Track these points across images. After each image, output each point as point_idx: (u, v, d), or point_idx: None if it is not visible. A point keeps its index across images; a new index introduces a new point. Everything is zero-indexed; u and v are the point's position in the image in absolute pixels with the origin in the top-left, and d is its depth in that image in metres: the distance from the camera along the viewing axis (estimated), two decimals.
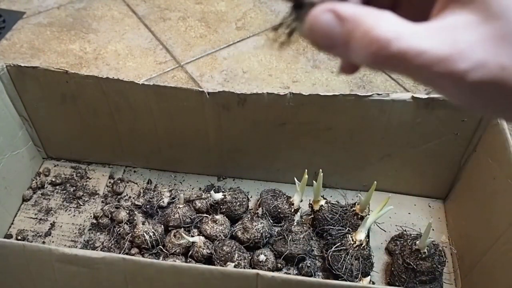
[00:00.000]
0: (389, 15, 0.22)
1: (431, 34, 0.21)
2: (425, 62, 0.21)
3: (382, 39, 0.21)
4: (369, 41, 0.21)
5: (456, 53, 0.21)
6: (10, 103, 0.82)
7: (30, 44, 1.17)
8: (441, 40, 0.21)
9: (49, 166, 0.92)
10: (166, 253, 0.75)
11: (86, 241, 0.81)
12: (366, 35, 0.21)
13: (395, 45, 0.21)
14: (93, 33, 1.21)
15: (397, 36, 0.21)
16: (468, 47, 0.21)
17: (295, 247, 0.74)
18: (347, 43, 0.22)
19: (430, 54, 0.21)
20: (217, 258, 0.73)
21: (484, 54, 0.20)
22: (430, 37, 0.21)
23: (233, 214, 0.80)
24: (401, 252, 0.72)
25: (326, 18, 0.22)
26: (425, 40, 0.21)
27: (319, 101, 0.73)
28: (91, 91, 0.78)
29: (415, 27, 0.21)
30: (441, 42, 0.21)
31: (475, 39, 0.21)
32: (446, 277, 0.76)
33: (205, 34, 1.22)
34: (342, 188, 0.87)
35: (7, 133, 0.82)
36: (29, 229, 0.82)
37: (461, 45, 0.21)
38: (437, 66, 0.21)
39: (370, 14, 0.22)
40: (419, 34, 0.21)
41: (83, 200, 0.87)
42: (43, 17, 1.26)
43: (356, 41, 0.22)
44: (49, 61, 1.13)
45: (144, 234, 0.75)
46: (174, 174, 0.91)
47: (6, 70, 0.78)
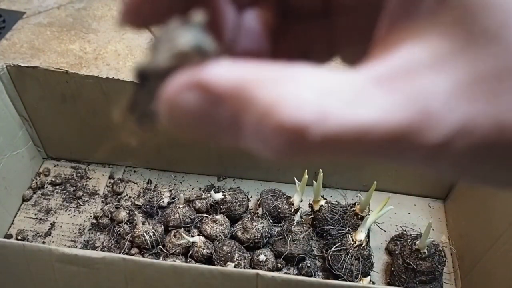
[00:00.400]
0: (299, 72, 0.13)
1: (374, 90, 0.12)
2: (374, 143, 0.12)
3: (292, 126, 0.12)
4: (271, 131, 0.12)
5: (423, 115, 0.12)
6: (10, 103, 0.82)
7: (30, 44, 1.17)
8: (392, 99, 0.12)
9: (49, 166, 0.92)
10: (166, 253, 0.75)
11: (86, 241, 0.81)
12: (263, 123, 0.12)
13: (318, 130, 0.12)
14: (93, 33, 1.21)
15: (319, 113, 0.12)
16: (440, 102, 0.12)
17: (295, 247, 0.74)
18: (238, 133, 0.13)
19: (380, 128, 0.12)
20: (217, 258, 0.73)
21: (468, 107, 0.12)
22: (375, 96, 0.12)
23: (233, 214, 0.80)
24: (401, 252, 0.72)
25: (191, 98, 0.13)
26: (368, 106, 0.12)
27: None
28: (91, 91, 0.78)
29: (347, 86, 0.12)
30: (394, 102, 0.12)
31: (450, 85, 0.12)
32: (446, 277, 0.76)
33: None
34: (342, 188, 0.87)
35: (7, 133, 0.82)
36: (29, 229, 0.82)
37: (426, 100, 0.12)
38: (395, 145, 0.13)
39: (266, 79, 0.12)
40: (357, 97, 0.12)
41: (83, 200, 0.87)
42: (43, 17, 1.26)
43: (250, 130, 0.13)
44: (49, 61, 1.13)
45: (144, 234, 0.75)
46: (174, 174, 0.91)
47: (6, 70, 0.78)
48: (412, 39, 0.13)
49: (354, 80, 0.13)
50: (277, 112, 0.12)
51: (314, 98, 0.12)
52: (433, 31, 0.13)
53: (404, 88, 0.12)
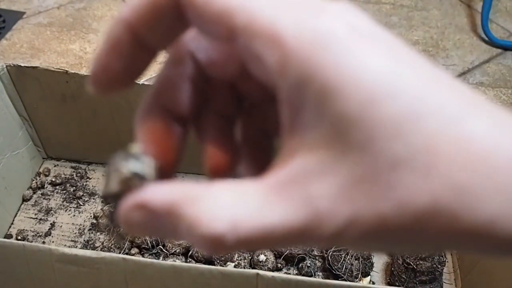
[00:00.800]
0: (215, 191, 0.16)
1: (276, 197, 0.15)
2: (280, 239, 0.15)
3: (211, 236, 0.15)
4: (198, 239, 0.16)
5: (315, 216, 0.15)
6: (10, 103, 0.82)
7: (30, 44, 1.17)
8: (290, 204, 0.15)
9: (49, 166, 0.92)
10: (166, 253, 0.75)
11: (86, 241, 0.81)
12: (192, 233, 0.16)
13: (231, 237, 0.15)
14: (93, 33, 1.21)
15: (230, 223, 0.15)
16: (328, 203, 0.15)
17: (295, 247, 0.74)
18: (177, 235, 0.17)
19: (282, 228, 0.15)
20: (217, 258, 0.73)
21: (352, 206, 0.15)
22: (276, 202, 0.15)
23: None
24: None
25: (137, 216, 0.17)
26: (270, 211, 0.15)
27: None
28: None
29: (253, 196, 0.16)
30: (291, 206, 0.15)
31: (335, 188, 0.15)
32: (446, 277, 0.76)
33: None
34: None
35: (7, 133, 0.82)
36: (29, 229, 0.82)
37: (318, 202, 0.15)
38: (297, 239, 0.16)
39: (189, 199, 0.16)
40: (260, 205, 0.16)
41: (83, 200, 0.87)
42: (43, 17, 1.26)
43: (185, 236, 0.16)
44: (49, 61, 1.13)
45: None
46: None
47: (6, 70, 0.78)
48: (303, 149, 0.16)
49: (259, 189, 0.16)
50: (199, 225, 0.16)
51: (226, 211, 0.16)
52: (318, 143, 0.15)
53: (298, 193, 0.15)
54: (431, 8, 1.32)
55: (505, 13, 1.31)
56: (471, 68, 1.14)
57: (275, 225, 0.15)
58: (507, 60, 1.17)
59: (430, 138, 0.14)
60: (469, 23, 1.27)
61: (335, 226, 0.15)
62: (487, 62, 1.16)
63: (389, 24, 1.26)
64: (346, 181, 0.15)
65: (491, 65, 1.15)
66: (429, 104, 0.15)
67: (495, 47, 1.20)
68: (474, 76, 1.12)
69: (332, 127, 0.15)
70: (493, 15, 1.28)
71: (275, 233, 0.15)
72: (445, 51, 1.19)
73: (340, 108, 0.15)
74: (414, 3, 1.33)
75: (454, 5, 1.34)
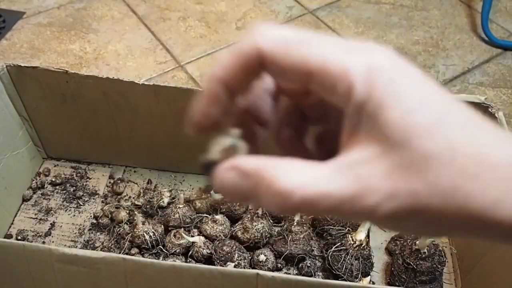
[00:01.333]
0: (291, 163, 0.22)
1: (335, 174, 0.21)
2: (333, 204, 0.21)
3: (283, 191, 0.21)
4: (272, 194, 0.21)
5: (363, 189, 0.21)
6: (10, 103, 0.82)
7: (30, 44, 1.17)
8: (346, 179, 0.21)
9: (49, 166, 0.92)
10: (166, 253, 0.75)
11: (86, 241, 0.81)
12: (269, 189, 0.21)
13: (298, 194, 0.21)
14: (93, 33, 1.21)
15: (299, 185, 0.21)
16: (374, 181, 0.21)
17: (295, 247, 0.74)
18: (257, 196, 0.22)
19: (336, 195, 0.21)
20: (217, 258, 0.73)
21: (393, 184, 0.20)
22: (335, 177, 0.21)
23: (233, 214, 0.80)
24: (401, 252, 0.72)
25: (231, 175, 0.23)
26: (329, 182, 0.21)
27: None
28: (91, 91, 0.78)
29: (318, 170, 0.21)
30: (346, 181, 0.21)
31: (381, 171, 0.21)
32: (446, 277, 0.76)
33: (205, 34, 1.22)
34: None
35: (7, 133, 0.82)
36: (29, 229, 0.82)
37: (366, 180, 0.21)
38: (346, 206, 0.21)
39: (271, 166, 0.22)
40: (322, 177, 0.21)
41: (83, 200, 0.87)
42: (43, 17, 1.26)
43: (262, 194, 0.22)
44: (49, 61, 1.13)
45: (144, 234, 0.75)
46: (174, 174, 0.91)
47: (6, 70, 0.78)
48: (358, 146, 0.22)
49: (323, 168, 0.22)
50: (275, 183, 0.21)
51: (297, 175, 0.21)
52: (370, 142, 0.21)
53: (352, 174, 0.21)
54: (431, 8, 1.32)
55: (505, 13, 1.31)
56: (471, 68, 1.14)
57: (332, 192, 0.21)
58: (507, 60, 1.17)
59: (451, 140, 0.20)
60: (469, 23, 1.27)
61: (377, 198, 0.21)
62: (487, 62, 1.16)
63: (389, 24, 1.26)
64: (389, 167, 0.21)
65: (491, 65, 1.15)
66: (448, 116, 0.21)
67: (495, 47, 1.20)
68: (474, 76, 1.12)
69: (381, 130, 0.21)
70: (493, 15, 1.28)
71: (331, 198, 0.21)
72: (445, 51, 1.19)
73: (387, 116, 0.21)
74: (414, 3, 1.33)
75: (454, 5, 1.34)
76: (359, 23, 1.26)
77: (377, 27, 1.25)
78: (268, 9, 1.31)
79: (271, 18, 1.27)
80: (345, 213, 0.21)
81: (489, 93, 1.08)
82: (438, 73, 1.13)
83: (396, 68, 0.22)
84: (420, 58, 1.17)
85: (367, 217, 0.21)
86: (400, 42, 1.21)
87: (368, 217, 0.21)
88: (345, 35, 1.22)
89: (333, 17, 1.28)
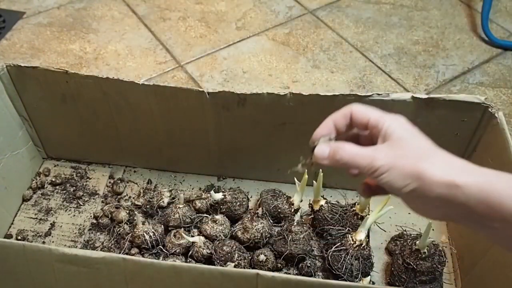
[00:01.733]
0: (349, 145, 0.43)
1: (368, 150, 0.42)
2: (363, 158, 0.42)
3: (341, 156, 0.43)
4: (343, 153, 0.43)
5: (375, 157, 0.41)
6: (10, 103, 0.82)
7: (30, 44, 1.17)
8: (371, 152, 0.42)
9: (49, 166, 0.92)
10: (166, 253, 0.75)
11: (86, 241, 0.81)
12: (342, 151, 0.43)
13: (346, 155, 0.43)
14: (93, 33, 1.22)
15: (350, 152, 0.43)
16: (380, 156, 0.41)
17: (295, 247, 0.74)
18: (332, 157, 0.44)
19: (364, 155, 0.42)
20: (217, 258, 0.73)
21: (388, 159, 0.40)
22: (367, 151, 0.42)
23: (233, 214, 0.80)
24: (401, 252, 0.72)
25: (326, 148, 0.45)
26: (364, 152, 0.42)
27: (319, 101, 0.73)
28: (91, 91, 0.78)
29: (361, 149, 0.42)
30: (371, 153, 0.41)
31: (384, 152, 0.41)
32: (446, 277, 0.76)
33: (205, 34, 1.22)
34: (342, 188, 0.87)
35: (7, 133, 0.82)
36: (29, 229, 0.82)
37: (377, 154, 0.41)
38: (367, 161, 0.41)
39: (341, 145, 0.44)
40: (362, 151, 0.42)
41: (83, 200, 0.87)
42: (43, 17, 1.26)
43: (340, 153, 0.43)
44: (49, 61, 1.13)
45: (144, 234, 0.75)
46: (174, 174, 0.91)
47: (6, 70, 0.78)
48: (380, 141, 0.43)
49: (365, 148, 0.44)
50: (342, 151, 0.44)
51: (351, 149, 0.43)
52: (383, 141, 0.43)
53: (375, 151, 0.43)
54: (431, 8, 1.32)
55: (505, 13, 1.31)
56: (471, 68, 1.14)
57: (364, 154, 0.42)
58: (507, 60, 1.17)
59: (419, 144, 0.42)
60: (469, 23, 1.27)
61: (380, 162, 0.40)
62: (487, 62, 1.16)
63: (389, 24, 1.26)
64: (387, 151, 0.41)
65: (491, 65, 1.15)
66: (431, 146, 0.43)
67: (495, 47, 1.20)
68: (474, 76, 1.12)
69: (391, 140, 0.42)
70: (493, 15, 1.28)
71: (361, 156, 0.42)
72: (445, 51, 1.19)
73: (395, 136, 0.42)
74: (414, 3, 1.33)
75: (454, 5, 1.34)
76: (359, 23, 1.26)
77: (377, 27, 1.25)
78: (268, 9, 1.31)
79: (271, 18, 1.27)
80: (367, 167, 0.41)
81: (489, 93, 1.08)
82: (438, 73, 1.13)
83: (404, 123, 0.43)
84: (420, 58, 1.17)
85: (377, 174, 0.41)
86: (400, 42, 1.21)
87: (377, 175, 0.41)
88: (345, 35, 1.23)
89: (333, 17, 1.28)
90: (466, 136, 0.75)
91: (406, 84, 1.10)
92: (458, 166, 0.39)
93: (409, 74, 1.12)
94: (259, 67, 1.13)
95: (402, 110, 0.74)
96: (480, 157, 0.75)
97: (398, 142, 0.41)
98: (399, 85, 1.09)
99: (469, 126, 0.74)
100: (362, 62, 1.15)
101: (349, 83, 1.10)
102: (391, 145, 0.41)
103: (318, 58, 1.16)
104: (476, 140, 0.75)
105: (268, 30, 1.24)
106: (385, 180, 0.40)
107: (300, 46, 1.19)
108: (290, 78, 1.10)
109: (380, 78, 1.11)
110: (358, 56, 1.17)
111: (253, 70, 1.12)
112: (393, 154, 0.40)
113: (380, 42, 1.21)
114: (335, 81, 1.10)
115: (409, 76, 1.12)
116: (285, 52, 1.17)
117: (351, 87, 1.09)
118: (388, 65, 1.15)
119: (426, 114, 0.73)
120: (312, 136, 0.46)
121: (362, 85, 1.09)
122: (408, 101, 0.73)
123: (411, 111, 0.73)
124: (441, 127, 0.75)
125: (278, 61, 1.15)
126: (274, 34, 1.22)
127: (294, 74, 1.11)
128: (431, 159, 0.40)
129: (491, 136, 0.72)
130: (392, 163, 0.40)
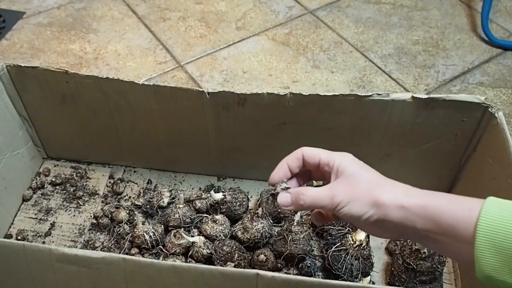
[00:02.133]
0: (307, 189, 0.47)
1: (325, 190, 0.46)
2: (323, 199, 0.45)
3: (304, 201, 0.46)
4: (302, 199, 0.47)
5: (334, 194, 0.45)
6: (10, 103, 0.82)
7: (30, 44, 1.17)
8: (328, 191, 0.45)
9: (49, 166, 0.92)
10: (166, 253, 0.75)
11: (86, 241, 0.81)
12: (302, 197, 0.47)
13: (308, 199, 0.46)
14: (93, 33, 1.22)
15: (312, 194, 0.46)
16: (338, 192, 0.45)
17: (295, 247, 0.74)
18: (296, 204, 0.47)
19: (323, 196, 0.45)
20: (217, 258, 0.73)
21: (346, 194, 0.45)
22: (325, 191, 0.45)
23: (233, 214, 0.80)
24: (401, 252, 0.72)
25: (286, 196, 0.48)
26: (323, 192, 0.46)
27: (319, 101, 0.73)
28: (91, 91, 0.78)
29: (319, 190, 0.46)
30: (329, 192, 0.45)
31: (340, 188, 0.45)
32: (446, 277, 0.76)
33: (205, 34, 1.22)
34: None
35: (7, 133, 0.82)
36: (29, 229, 0.82)
37: (334, 192, 0.45)
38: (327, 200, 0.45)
39: (301, 191, 0.47)
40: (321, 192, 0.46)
41: (83, 200, 0.87)
42: (43, 17, 1.26)
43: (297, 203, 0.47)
44: (49, 61, 1.13)
45: (144, 234, 0.75)
46: (174, 174, 0.91)
47: (6, 70, 0.78)
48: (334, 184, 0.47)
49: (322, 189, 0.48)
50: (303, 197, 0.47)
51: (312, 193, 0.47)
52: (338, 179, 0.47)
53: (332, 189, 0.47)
54: (431, 8, 1.32)
55: (505, 13, 1.31)
56: (471, 68, 1.14)
57: (323, 195, 0.45)
58: (507, 60, 1.17)
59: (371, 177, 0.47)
60: (469, 23, 1.27)
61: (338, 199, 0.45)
62: (487, 62, 1.16)
63: (389, 24, 1.26)
64: (350, 189, 0.45)
65: (491, 65, 1.15)
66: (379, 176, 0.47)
67: (495, 47, 1.20)
68: (474, 76, 1.12)
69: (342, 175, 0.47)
70: (493, 15, 1.28)
71: (323, 198, 0.45)
72: (445, 51, 1.19)
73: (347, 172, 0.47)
74: (414, 3, 1.33)
75: (454, 5, 1.34)
76: (359, 23, 1.26)
77: (377, 27, 1.25)
78: (268, 9, 1.31)
79: (271, 18, 1.27)
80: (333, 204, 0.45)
81: (489, 93, 1.08)
82: (438, 73, 1.13)
83: (353, 159, 0.48)
84: (420, 58, 1.17)
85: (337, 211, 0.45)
86: (400, 42, 1.21)
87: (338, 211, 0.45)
88: (345, 35, 1.23)
89: (333, 17, 1.28)
90: (466, 136, 0.75)
91: (406, 84, 1.10)
92: (402, 190, 0.45)
93: (409, 74, 1.12)
94: (259, 67, 1.13)
95: (402, 110, 0.74)
96: (480, 157, 0.75)
97: (351, 177, 0.45)
98: (399, 85, 1.09)
99: (469, 126, 0.74)
100: (362, 62, 1.15)
101: (349, 83, 1.10)
102: (345, 180, 0.46)
103: (318, 58, 1.16)
104: (476, 140, 0.75)
105: (268, 30, 1.24)
106: (345, 211, 0.44)
107: (300, 46, 1.19)
108: (290, 78, 1.10)
109: (380, 78, 1.11)
110: (358, 56, 1.17)
111: (253, 70, 1.12)
112: (348, 188, 0.45)
113: (380, 42, 1.21)
114: (335, 81, 1.10)
115: (409, 76, 1.12)
116: (285, 52, 1.17)
117: (351, 87, 1.09)
118: (388, 65, 1.15)
119: (426, 114, 0.73)
120: (269, 179, 0.50)
121: (362, 85, 1.09)
122: (408, 101, 0.73)
123: (411, 111, 0.73)
124: (441, 127, 0.75)
125: (278, 61, 1.15)
126: (274, 34, 1.22)
127: (294, 74, 1.11)
128: (380, 187, 0.45)
129: (491, 136, 0.72)
130: (350, 196, 0.44)
